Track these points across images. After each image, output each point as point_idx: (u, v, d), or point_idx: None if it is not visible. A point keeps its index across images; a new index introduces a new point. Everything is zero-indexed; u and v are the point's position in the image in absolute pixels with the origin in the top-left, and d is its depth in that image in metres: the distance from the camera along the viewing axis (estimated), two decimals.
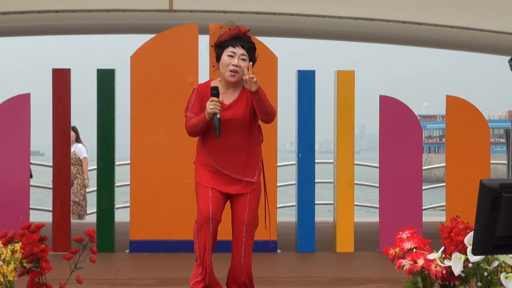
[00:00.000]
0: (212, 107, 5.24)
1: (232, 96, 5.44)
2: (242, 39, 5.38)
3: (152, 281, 6.94)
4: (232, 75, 5.35)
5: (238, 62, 5.34)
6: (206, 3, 10.40)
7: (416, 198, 8.69)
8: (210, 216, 5.41)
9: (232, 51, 5.34)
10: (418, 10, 10.77)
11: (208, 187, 5.44)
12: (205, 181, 5.47)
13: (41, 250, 4.83)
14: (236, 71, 5.34)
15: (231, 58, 5.34)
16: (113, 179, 8.62)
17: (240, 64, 5.33)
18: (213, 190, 5.44)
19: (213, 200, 5.43)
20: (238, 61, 5.34)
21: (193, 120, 5.41)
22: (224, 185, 5.46)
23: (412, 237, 5.02)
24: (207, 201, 5.42)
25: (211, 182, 5.46)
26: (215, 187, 5.45)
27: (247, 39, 5.41)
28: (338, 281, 6.96)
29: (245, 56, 5.35)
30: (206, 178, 5.48)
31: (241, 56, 5.35)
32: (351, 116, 8.70)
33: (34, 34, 11.51)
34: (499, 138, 76.19)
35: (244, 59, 5.35)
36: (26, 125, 8.51)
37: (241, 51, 5.35)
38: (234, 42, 5.35)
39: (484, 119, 9.07)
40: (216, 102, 5.26)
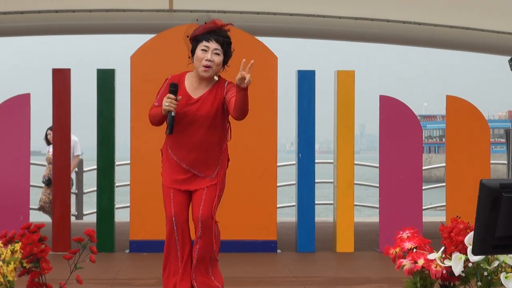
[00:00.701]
0: (167, 104, 5.19)
1: (202, 91, 5.36)
2: (216, 33, 5.31)
3: (152, 281, 6.94)
4: (205, 70, 5.29)
5: (212, 57, 5.27)
6: (206, 3, 10.40)
7: (416, 198, 8.69)
8: (173, 217, 5.41)
9: (206, 45, 5.28)
10: (418, 10, 10.77)
11: (170, 188, 5.44)
12: (166, 180, 5.47)
13: (41, 250, 4.83)
14: (209, 66, 5.28)
15: (205, 53, 5.28)
16: (113, 179, 8.62)
17: (214, 58, 5.27)
18: (174, 190, 5.42)
19: (175, 200, 5.42)
20: (211, 56, 5.27)
21: (153, 111, 5.38)
22: (182, 182, 5.40)
23: (413, 237, 5.02)
24: (170, 202, 5.44)
25: (171, 181, 5.44)
26: (175, 186, 5.42)
27: (222, 33, 5.34)
28: (338, 281, 6.96)
29: (218, 51, 5.29)
30: (167, 175, 5.47)
31: (214, 51, 5.28)
32: (351, 116, 8.70)
33: (34, 34, 11.51)
34: (499, 138, 76.17)
35: (217, 53, 5.28)
36: (26, 125, 8.51)
37: (215, 45, 5.28)
38: (208, 36, 5.28)
39: (484, 119, 9.07)
40: (172, 99, 5.19)
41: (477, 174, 8.60)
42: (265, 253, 8.42)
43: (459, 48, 11.78)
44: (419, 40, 11.40)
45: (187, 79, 5.42)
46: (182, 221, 5.43)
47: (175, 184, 5.43)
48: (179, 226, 5.42)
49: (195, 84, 5.38)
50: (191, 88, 5.37)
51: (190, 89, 5.36)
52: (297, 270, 7.53)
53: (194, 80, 5.40)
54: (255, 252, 8.42)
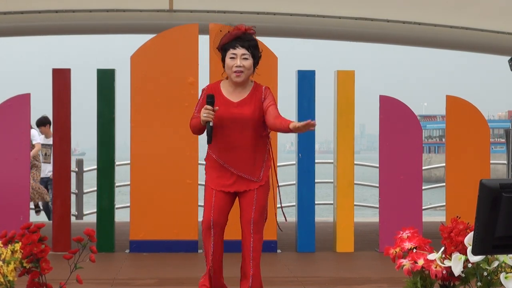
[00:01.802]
0: (206, 115, 5.34)
1: (241, 95, 5.50)
2: (242, 39, 5.46)
3: (152, 281, 6.94)
4: (238, 75, 5.43)
5: (241, 62, 5.42)
6: (206, 3, 10.41)
7: (416, 198, 8.69)
8: (211, 223, 5.45)
9: (233, 52, 5.42)
10: (418, 10, 10.77)
11: (213, 190, 5.49)
12: (211, 181, 5.53)
13: (41, 250, 4.83)
14: (240, 71, 5.43)
15: (233, 60, 5.42)
16: (113, 179, 8.62)
17: (243, 63, 5.42)
18: (218, 192, 5.48)
19: (216, 205, 5.46)
20: (240, 62, 5.42)
21: (193, 121, 5.51)
22: (230, 184, 5.49)
23: (413, 237, 5.02)
24: (210, 207, 5.47)
25: (217, 183, 5.50)
26: (221, 188, 5.48)
27: (247, 37, 5.49)
28: (338, 281, 6.97)
29: (246, 55, 5.44)
30: (212, 178, 5.53)
31: (242, 56, 5.43)
32: (351, 116, 8.70)
33: (34, 34, 11.52)
34: (499, 138, 76.17)
35: (246, 58, 5.44)
36: (26, 125, 8.51)
37: (242, 51, 5.43)
38: (234, 43, 5.43)
39: (484, 119, 9.07)
40: (210, 110, 5.34)
41: (477, 174, 8.60)
42: (265, 253, 8.41)
43: (459, 48, 11.78)
44: (419, 40, 11.41)
45: (223, 86, 5.54)
46: (221, 224, 5.49)
47: (221, 186, 5.49)
48: (218, 229, 5.48)
49: (230, 89, 5.51)
50: (229, 94, 5.50)
51: (228, 95, 5.49)
52: (297, 270, 7.53)
53: (230, 86, 5.52)
54: None
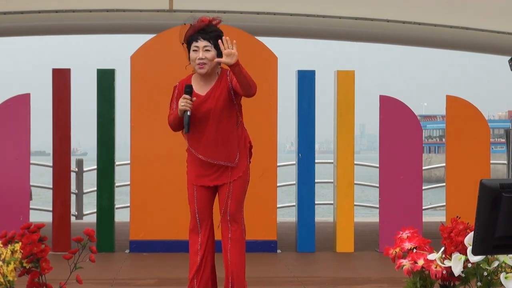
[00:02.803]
0: (183, 104, 5.39)
1: (209, 87, 5.54)
2: (205, 31, 5.47)
3: (152, 281, 6.94)
4: (201, 67, 5.47)
5: (203, 55, 5.44)
6: (206, 3, 10.40)
7: (416, 198, 8.69)
8: (197, 215, 5.52)
9: (196, 45, 5.46)
10: (418, 10, 10.77)
11: (194, 185, 5.56)
12: (191, 178, 5.60)
13: (41, 250, 4.83)
14: (203, 63, 5.46)
15: (196, 53, 5.46)
16: (113, 179, 8.62)
17: (205, 55, 5.44)
18: (199, 188, 5.54)
19: (198, 199, 5.53)
20: (202, 54, 5.44)
21: (171, 117, 5.57)
22: (209, 178, 5.52)
23: (412, 237, 5.02)
24: (193, 200, 5.56)
25: (196, 179, 5.56)
26: (201, 183, 5.53)
27: (210, 28, 5.50)
28: (338, 281, 6.97)
29: (208, 47, 5.45)
30: (192, 175, 5.60)
31: (204, 48, 5.45)
32: (351, 116, 8.70)
33: (34, 34, 11.51)
34: (499, 138, 76.15)
35: (208, 50, 5.45)
36: (26, 125, 8.51)
37: (204, 43, 5.45)
38: (196, 36, 5.47)
39: (484, 119, 9.07)
40: (188, 99, 5.39)
41: (477, 174, 8.60)
42: (265, 253, 8.42)
43: (459, 48, 11.77)
44: (419, 40, 11.40)
45: (194, 81, 5.59)
46: (205, 217, 5.54)
47: (201, 181, 5.54)
48: (203, 222, 5.54)
49: (201, 83, 5.56)
50: (198, 87, 5.55)
51: (197, 88, 5.54)
52: (297, 270, 7.53)
53: (200, 80, 5.57)
54: (255, 252, 8.42)
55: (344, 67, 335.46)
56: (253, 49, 8.55)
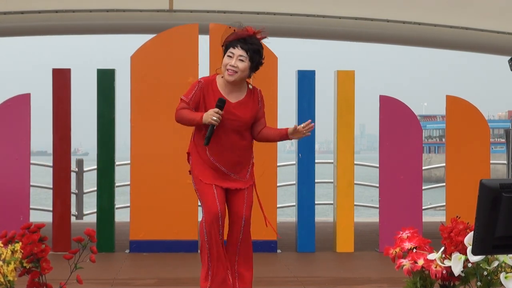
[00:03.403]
0: (215, 119, 5.32)
1: (237, 96, 5.50)
2: (245, 41, 5.43)
3: (152, 281, 6.94)
4: (230, 74, 5.41)
5: (235, 63, 5.40)
6: (206, 3, 10.40)
7: (416, 198, 8.69)
8: (219, 214, 5.47)
9: (231, 51, 5.42)
10: (418, 10, 10.77)
11: (211, 185, 5.49)
12: (206, 178, 5.51)
13: (41, 250, 4.83)
14: (234, 71, 5.41)
15: (230, 59, 5.41)
16: (113, 179, 8.62)
17: (238, 64, 5.40)
18: (217, 187, 5.50)
19: (219, 198, 5.49)
20: (235, 62, 5.40)
21: (188, 114, 5.43)
22: (223, 181, 5.52)
23: (412, 237, 5.02)
24: (214, 199, 5.47)
25: (213, 179, 5.50)
26: (217, 183, 5.50)
27: (251, 40, 5.45)
28: (338, 281, 6.97)
29: (243, 57, 5.41)
30: (207, 175, 5.51)
31: (239, 57, 5.41)
32: (351, 116, 8.70)
33: (34, 34, 11.51)
34: (499, 138, 76.15)
35: (242, 60, 5.41)
36: (26, 125, 8.51)
37: (240, 52, 5.41)
38: (235, 43, 5.42)
39: (484, 119, 9.07)
40: (220, 115, 5.33)
41: (477, 174, 8.60)
42: (265, 253, 8.42)
43: (459, 48, 11.77)
44: (419, 40, 11.40)
45: (219, 83, 5.52)
46: (225, 217, 5.55)
47: (219, 181, 5.51)
48: (222, 224, 5.52)
49: (228, 89, 5.50)
50: (226, 93, 5.48)
51: (224, 92, 5.48)
52: (297, 270, 7.53)
53: (226, 85, 5.50)
54: (255, 252, 8.38)
55: (344, 67, 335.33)
56: None
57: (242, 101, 5.48)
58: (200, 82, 5.50)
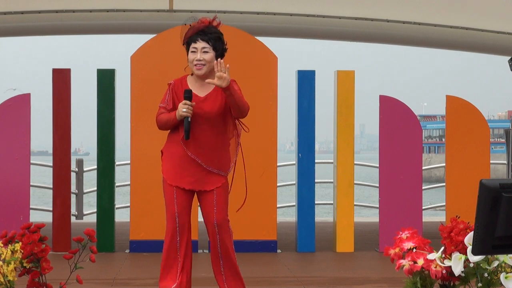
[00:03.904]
0: (185, 110, 5.32)
1: (207, 89, 5.48)
2: (204, 32, 5.43)
3: (152, 281, 6.95)
4: (199, 69, 5.42)
5: (201, 56, 5.40)
6: (206, 3, 10.41)
7: (416, 198, 8.69)
8: (176, 214, 5.45)
9: (194, 46, 5.42)
10: (418, 10, 10.77)
11: (173, 186, 5.47)
12: (169, 178, 5.50)
13: (41, 250, 4.84)
14: (201, 64, 5.41)
15: (194, 54, 5.42)
16: (113, 179, 8.62)
17: (203, 57, 5.40)
18: (178, 189, 5.46)
19: (178, 198, 5.46)
20: (200, 55, 5.40)
21: (164, 116, 5.48)
22: (189, 181, 5.45)
23: (412, 237, 5.02)
24: (172, 199, 5.47)
25: (175, 179, 5.47)
26: (179, 184, 5.46)
27: (209, 30, 5.45)
28: (338, 281, 6.97)
29: (207, 48, 5.41)
30: (170, 174, 5.50)
31: (202, 50, 5.41)
32: (351, 116, 8.70)
33: (34, 34, 11.51)
34: (499, 138, 76.17)
35: (206, 51, 5.41)
36: (26, 125, 8.51)
37: (202, 45, 5.41)
38: (195, 37, 5.42)
39: (484, 119, 9.07)
40: (189, 105, 5.32)
41: (477, 174, 8.60)
42: (265, 253, 8.42)
43: (459, 48, 11.77)
44: (419, 40, 11.40)
45: (189, 81, 5.53)
46: (184, 221, 5.48)
47: (179, 182, 5.46)
48: (181, 226, 5.47)
49: (198, 84, 5.50)
50: (195, 88, 5.48)
51: (195, 89, 5.47)
52: (297, 270, 7.53)
53: (196, 81, 5.51)
54: (255, 252, 8.42)
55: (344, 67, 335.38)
56: (253, 49, 8.55)
57: (210, 94, 5.44)
58: (170, 85, 5.54)
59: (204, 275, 6.84)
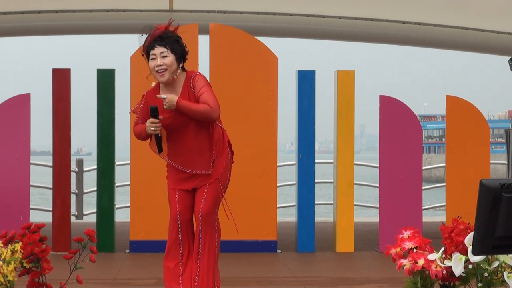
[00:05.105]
0: (153, 129, 5.37)
1: (177, 94, 5.46)
2: (161, 37, 5.44)
3: (152, 281, 6.95)
4: (161, 75, 5.41)
5: (161, 61, 5.39)
6: (206, 3, 10.40)
7: (416, 198, 8.69)
8: (177, 215, 5.51)
9: (153, 53, 5.42)
10: (418, 10, 10.77)
11: (174, 189, 5.55)
12: (172, 182, 5.58)
13: (41, 250, 4.83)
14: (163, 69, 5.40)
15: (154, 61, 5.41)
16: (113, 179, 8.62)
17: (163, 62, 5.39)
18: (179, 191, 5.54)
19: (179, 200, 5.52)
20: (160, 61, 5.40)
21: (137, 129, 5.57)
22: (186, 182, 5.52)
23: (413, 237, 5.02)
24: (175, 201, 5.54)
25: (176, 183, 5.55)
26: (180, 187, 5.53)
27: (166, 35, 5.46)
28: (338, 281, 6.97)
29: (165, 53, 5.41)
30: (172, 179, 5.59)
31: (161, 54, 5.40)
32: (351, 116, 8.70)
33: (34, 34, 11.51)
34: (499, 138, 76.16)
35: (165, 56, 5.40)
36: (26, 125, 8.51)
37: (160, 50, 5.41)
38: (153, 44, 5.43)
39: (484, 119, 9.07)
40: (156, 124, 5.35)
41: (477, 174, 8.60)
42: (265, 253, 8.42)
43: (459, 48, 11.78)
44: (419, 40, 11.40)
45: (161, 89, 5.54)
46: (186, 220, 5.53)
47: (180, 185, 5.53)
48: (183, 225, 5.52)
49: (168, 91, 5.50)
50: (168, 93, 5.47)
51: (167, 94, 5.44)
52: (297, 270, 7.53)
53: (167, 87, 5.51)
54: (255, 252, 8.43)
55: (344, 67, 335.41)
56: (253, 49, 8.55)
57: (182, 96, 5.42)
58: (143, 96, 5.57)
59: None
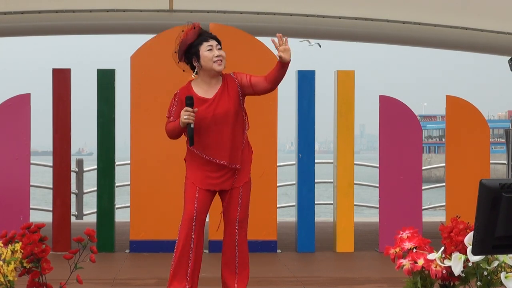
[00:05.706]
0: (186, 117, 5.32)
1: (213, 90, 5.48)
2: (207, 32, 5.52)
3: (152, 281, 6.95)
4: (219, 64, 5.43)
5: (219, 52, 5.44)
6: (206, 3, 10.40)
7: (416, 198, 8.69)
8: (194, 214, 5.45)
9: (209, 44, 5.44)
10: (418, 10, 10.77)
11: (196, 186, 5.47)
12: (197, 180, 5.49)
13: (41, 250, 4.84)
14: (220, 60, 5.43)
15: (211, 52, 5.43)
16: (113, 179, 8.62)
17: (221, 53, 5.44)
18: (201, 190, 5.48)
19: (199, 199, 5.47)
20: (218, 51, 5.44)
21: (171, 125, 5.50)
22: (216, 182, 5.47)
23: (412, 237, 5.02)
24: (193, 198, 5.47)
25: (203, 182, 5.48)
26: (206, 187, 5.47)
27: (207, 32, 5.56)
28: (338, 281, 6.97)
29: (220, 46, 5.49)
30: (198, 177, 5.50)
31: (217, 47, 5.47)
32: (351, 116, 8.70)
33: (34, 34, 11.51)
34: (499, 138, 76.15)
35: (220, 48, 5.47)
36: (26, 125, 8.51)
37: (215, 42, 5.47)
38: (204, 37, 5.46)
39: (484, 119, 9.07)
40: (190, 112, 5.32)
41: (477, 174, 8.60)
42: (265, 253, 8.42)
43: (459, 48, 11.77)
44: (419, 40, 11.40)
45: (194, 86, 5.52)
46: (201, 220, 5.49)
47: (207, 184, 5.47)
48: (198, 224, 5.46)
49: (204, 87, 5.50)
50: (202, 91, 5.48)
51: (202, 93, 5.47)
52: (297, 270, 7.53)
53: (202, 84, 5.50)
54: (255, 252, 8.42)
55: (344, 67, 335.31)
56: (253, 49, 8.55)
57: (218, 94, 5.44)
58: (176, 95, 5.53)
59: (204, 275, 6.84)
